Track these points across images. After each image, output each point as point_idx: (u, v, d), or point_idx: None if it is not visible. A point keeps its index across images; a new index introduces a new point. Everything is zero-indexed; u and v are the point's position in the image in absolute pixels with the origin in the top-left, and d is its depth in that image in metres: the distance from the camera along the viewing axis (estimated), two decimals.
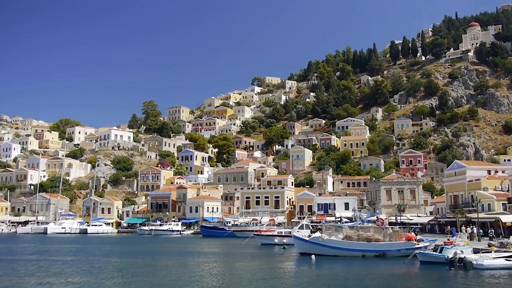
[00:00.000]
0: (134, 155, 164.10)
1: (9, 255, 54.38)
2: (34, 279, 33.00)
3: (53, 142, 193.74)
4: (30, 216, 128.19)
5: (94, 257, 51.07)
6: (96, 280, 32.65)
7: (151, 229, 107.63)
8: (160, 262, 47.02)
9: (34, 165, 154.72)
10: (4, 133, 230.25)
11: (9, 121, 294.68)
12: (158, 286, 30.85)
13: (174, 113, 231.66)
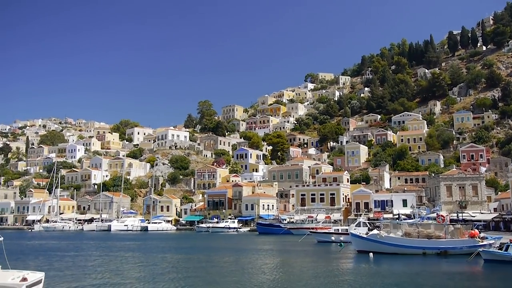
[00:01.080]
0: (191, 154, 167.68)
1: (75, 251, 57.35)
2: (94, 274, 34.75)
3: (114, 143, 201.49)
4: (95, 214, 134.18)
5: (152, 254, 52.91)
6: (153, 276, 33.88)
7: (209, 226, 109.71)
8: (217, 259, 48.04)
9: (97, 165, 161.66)
10: (69, 135, 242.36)
11: (73, 124, 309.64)
12: (214, 282, 31.58)
13: (229, 112, 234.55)
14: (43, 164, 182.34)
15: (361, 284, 30.77)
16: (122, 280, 31.75)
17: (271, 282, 31.22)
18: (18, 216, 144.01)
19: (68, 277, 33.04)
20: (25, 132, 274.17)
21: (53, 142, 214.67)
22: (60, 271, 35.74)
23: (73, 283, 29.69)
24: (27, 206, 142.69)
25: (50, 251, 56.35)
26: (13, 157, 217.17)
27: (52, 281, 28.39)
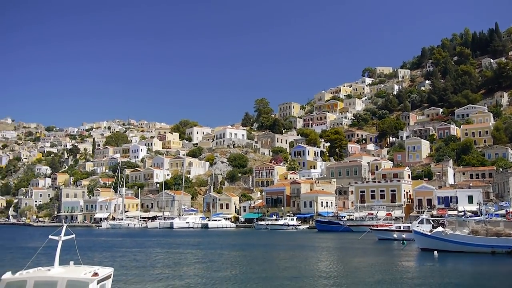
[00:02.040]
0: (248, 152, 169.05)
1: (139, 247, 59.46)
2: (155, 269, 35.88)
3: (174, 143, 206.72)
4: (157, 212, 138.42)
5: (211, 250, 53.87)
6: (209, 272, 34.51)
7: (267, 223, 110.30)
8: (275, 255, 48.27)
9: (159, 165, 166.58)
10: (132, 136, 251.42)
11: (136, 125, 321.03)
12: (271, 278, 31.69)
13: (285, 109, 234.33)
14: (108, 164, 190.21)
15: (426, 284, 29.89)
16: (179, 274, 32.66)
17: (329, 279, 30.96)
18: (87, 214, 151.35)
19: (133, 272, 34.36)
20: (92, 134, 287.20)
21: (118, 143, 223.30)
22: (125, 266, 37.22)
23: (137, 278, 30.85)
24: (95, 204, 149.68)
25: (116, 248, 58.77)
26: (81, 158, 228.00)
27: (119, 276, 29.60)
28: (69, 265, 14.49)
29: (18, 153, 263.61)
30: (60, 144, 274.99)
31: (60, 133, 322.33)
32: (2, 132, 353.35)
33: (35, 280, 13.09)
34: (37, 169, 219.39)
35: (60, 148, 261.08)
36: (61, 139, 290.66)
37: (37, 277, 13.20)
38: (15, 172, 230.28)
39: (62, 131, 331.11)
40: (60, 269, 13.71)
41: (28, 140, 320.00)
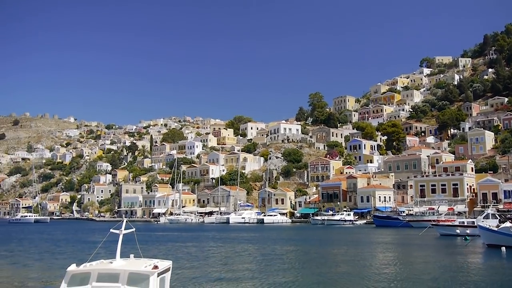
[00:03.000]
0: (303, 147, 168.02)
1: (195, 241, 60.26)
2: (209, 262, 36.05)
3: (229, 139, 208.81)
4: (213, 207, 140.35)
5: (266, 245, 53.69)
6: (262, 266, 34.23)
7: (324, 219, 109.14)
8: (331, 251, 47.46)
9: (214, 160, 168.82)
10: (188, 132, 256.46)
11: (191, 122, 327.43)
12: (323, 274, 31.00)
13: (340, 103, 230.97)
14: (165, 161, 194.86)
15: (494, 282, 28.21)
16: (233, 269, 32.64)
17: (388, 276, 29.87)
18: (146, 209, 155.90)
19: (191, 265, 34.73)
20: (149, 131, 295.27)
21: (174, 139, 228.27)
22: (184, 260, 37.68)
23: (194, 271, 31.10)
24: (153, 200, 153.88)
25: (174, 242, 59.88)
26: (140, 154, 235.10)
27: (178, 269, 29.91)
28: (130, 258, 14.64)
29: (81, 151, 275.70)
30: (119, 141, 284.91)
31: (119, 131, 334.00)
32: (66, 131, 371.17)
33: (98, 272, 13.31)
34: (98, 166, 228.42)
35: (120, 146, 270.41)
36: (120, 137, 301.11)
37: (100, 269, 13.42)
38: (78, 169, 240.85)
39: (121, 129, 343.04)
40: (122, 262, 13.86)
41: (89, 138, 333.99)
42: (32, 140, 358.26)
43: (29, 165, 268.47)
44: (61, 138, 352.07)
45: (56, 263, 36.85)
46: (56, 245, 56.64)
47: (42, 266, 35.39)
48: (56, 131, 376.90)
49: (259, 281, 27.69)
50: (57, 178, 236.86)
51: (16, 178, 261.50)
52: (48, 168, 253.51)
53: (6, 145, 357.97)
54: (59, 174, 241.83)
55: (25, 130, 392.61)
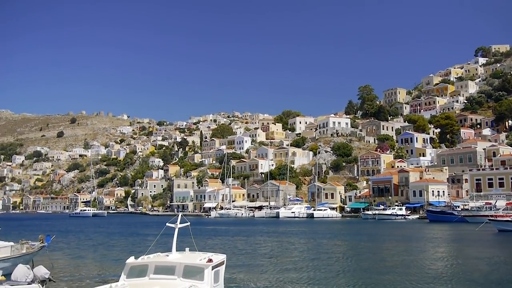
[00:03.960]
0: (353, 141, 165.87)
1: (247, 235, 60.94)
2: (261, 255, 36.40)
3: (277, 133, 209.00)
4: (263, 202, 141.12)
5: (314, 239, 53.60)
6: (312, 261, 34.21)
7: (375, 213, 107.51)
8: (380, 245, 46.82)
9: (263, 155, 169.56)
10: (237, 128, 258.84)
11: (240, 117, 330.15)
12: (369, 269, 30.64)
13: (390, 96, 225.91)
14: (215, 156, 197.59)
15: None
16: (284, 262, 32.83)
17: (444, 271, 29.19)
18: (197, 203, 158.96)
19: (243, 259, 35.30)
20: (199, 127, 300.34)
21: (223, 135, 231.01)
22: (236, 253, 38.32)
23: (247, 264, 31.64)
24: (204, 194, 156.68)
25: (226, 235, 60.86)
26: (190, 150, 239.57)
27: (231, 262, 30.45)
28: (185, 251, 15.14)
29: (134, 147, 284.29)
30: (170, 137, 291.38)
31: (170, 127, 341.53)
32: (120, 128, 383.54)
33: (155, 264, 13.86)
34: (150, 161, 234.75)
35: (171, 141, 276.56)
36: (171, 133, 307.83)
37: (157, 262, 13.96)
38: (131, 165, 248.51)
39: (172, 125, 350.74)
40: (178, 255, 14.38)
41: (142, 134, 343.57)
42: (88, 137, 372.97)
43: (86, 161, 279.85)
44: (115, 135, 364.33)
45: (112, 256, 38.45)
46: (112, 238, 58.91)
47: (99, 258, 36.98)
48: (110, 128, 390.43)
49: (307, 274, 27.85)
50: (112, 173, 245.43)
51: (74, 174, 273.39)
52: (104, 164, 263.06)
53: (64, 142, 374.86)
54: (114, 170, 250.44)
55: (82, 128, 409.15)
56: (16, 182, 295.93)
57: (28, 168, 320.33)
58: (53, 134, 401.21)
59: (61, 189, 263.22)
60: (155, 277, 13.58)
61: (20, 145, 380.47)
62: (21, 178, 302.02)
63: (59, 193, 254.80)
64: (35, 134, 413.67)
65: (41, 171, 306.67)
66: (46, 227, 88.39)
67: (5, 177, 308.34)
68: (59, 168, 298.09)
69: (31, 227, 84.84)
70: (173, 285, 12.67)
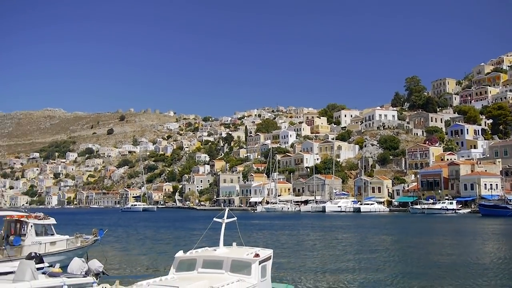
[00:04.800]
0: (400, 134, 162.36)
1: (293, 229, 60.93)
2: (308, 250, 36.27)
3: (322, 127, 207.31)
4: (309, 196, 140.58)
5: (366, 234, 52.90)
6: (359, 255, 33.77)
7: (424, 207, 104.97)
8: (436, 241, 45.63)
9: (308, 149, 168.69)
10: (281, 122, 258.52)
11: (284, 111, 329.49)
12: (428, 265, 29.96)
13: (439, 86, 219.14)
14: (260, 150, 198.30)
15: None
16: (331, 255, 32.63)
17: (492, 268, 28.18)
18: (243, 198, 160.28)
19: (290, 253, 35.36)
20: (244, 122, 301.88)
21: (268, 129, 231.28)
22: (283, 248, 38.44)
23: (294, 259, 31.66)
24: (249, 189, 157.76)
25: (273, 230, 61.08)
26: (235, 145, 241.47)
27: (278, 257, 30.53)
28: (232, 246, 15.34)
29: (180, 143, 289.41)
30: (216, 133, 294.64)
31: (215, 123, 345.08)
32: (166, 124, 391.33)
33: (203, 259, 14.13)
34: (197, 157, 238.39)
35: (216, 137, 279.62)
36: (216, 128, 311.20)
37: (205, 256, 14.24)
38: (178, 160, 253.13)
39: (217, 121, 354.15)
40: (225, 250, 14.60)
41: (188, 130, 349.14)
42: (136, 134, 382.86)
43: (135, 157, 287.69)
44: (163, 131, 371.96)
45: (161, 249, 39.46)
46: (161, 232, 60.37)
47: (148, 252, 38.00)
48: (157, 125, 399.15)
49: (353, 269, 27.61)
50: (160, 169, 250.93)
51: (124, 170, 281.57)
52: (152, 160, 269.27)
53: (114, 139, 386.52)
54: (161, 166, 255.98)
55: (130, 125, 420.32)
56: (70, 178, 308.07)
57: (81, 165, 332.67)
58: (103, 131, 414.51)
59: (112, 184, 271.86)
60: (203, 271, 13.84)
61: (73, 143, 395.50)
62: (75, 174, 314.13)
63: (110, 189, 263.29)
64: (86, 132, 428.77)
65: (93, 167, 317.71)
66: (98, 221, 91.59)
67: (60, 173, 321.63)
68: (109, 164, 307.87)
69: (83, 221, 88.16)
70: (221, 279, 12.88)
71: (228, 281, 12.67)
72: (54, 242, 27.25)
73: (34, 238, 26.22)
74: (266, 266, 14.28)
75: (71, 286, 16.76)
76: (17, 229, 26.65)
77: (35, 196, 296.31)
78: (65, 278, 17.71)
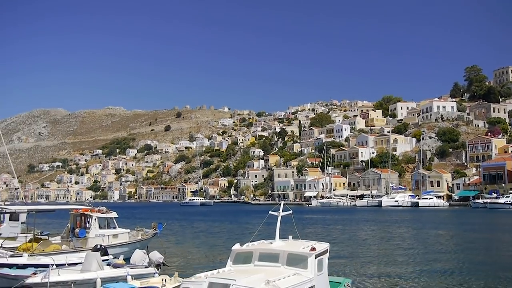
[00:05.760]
0: (459, 125, 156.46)
1: (348, 224, 60.30)
2: (364, 244, 35.74)
3: (377, 120, 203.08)
4: (364, 190, 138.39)
5: (426, 229, 51.53)
6: (415, 251, 32.92)
7: (486, 202, 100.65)
8: (498, 237, 43.83)
9: (363, 143, 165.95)
10: (335, 116, 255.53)
11: (338, 105, 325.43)
12: (491, 262, 28.80)
13: (501, 75, 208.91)
14: (314, 145, 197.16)
15: None
16: (388, 250, 32.06)
17: None
18: (297, 192, 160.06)
19: (346, 248, 35.08)
20: (297, 117, 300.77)
21: (322, 123, 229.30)
22: (338, 242, 38.13)
23: (350, 253, 31.42)
24: (304, 183, 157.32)
25: (328, 224, 60.73)
26: (289, 140, 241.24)
27: (334, 251, 30.32)
28: (289, 239, 15.46)
29: (235, 138, 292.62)
30: (269, 128, 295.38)
31: (269, 118, 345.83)
32: (221, 120, 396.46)
33: (259, 251, 14.32)
34: (251, 152, 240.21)
35: (270, 132, 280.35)
36: (270, 123, 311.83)
37: (261, 249, 14.41)
38: (233, 155, 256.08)
39: (270, 116, 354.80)
40: (281, 243, 14.72)
41: (242, 126, 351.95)
42: (192, 130, 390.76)
43: (191, 153, 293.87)
44: (217, 127, 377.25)
45: (217, 242, 40.26)
46: (217, 226, 61.50)
47: (205, 244, 38.86)
48: (212, 121, 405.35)
49: (410, 264, 27.06)
50: (216, 164, 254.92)
51: (181, 165, 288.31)
52: (208, 155, 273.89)
53: (171, 135, 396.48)
54: (217, 161, 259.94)
55: (186, 121, 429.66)
56: (130, 174, 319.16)
57: (140, 161, 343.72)
58: (161, 128, 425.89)
59: (169, 179, 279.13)
60: (260, 264, 14.00)
61: (132, 139, 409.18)
62: (135, 170, 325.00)
63: (168, 184, 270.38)
64: (145, 129, 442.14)
65: (152, 163, 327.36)
66: (157, 215, 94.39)
67: (121, 169, 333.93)
68: (167, 160, 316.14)
69: (142, 215, 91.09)
70: (277, 273, 12.98)
71: (284, 274, 12.76)
72: (116, 235, 28.47)
73: (98, 231, 27.53)
74: (322, 260, 14.28)
75: (134, 276, 17.54)
76: (82, 222, 28.06)
77: (98, 190, 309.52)
78: (129, 268, 18.58)
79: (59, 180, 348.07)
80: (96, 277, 16.83)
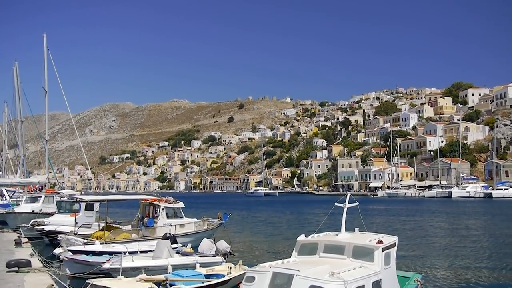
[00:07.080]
0: None
1: (417, 216, 58.43)
2: (434, 238, 34.41)
3: (447, 108, 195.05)
4: (433, 181, 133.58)
5: (498, 222, 49.01)
6: (488, 244, 31.28)
7: None
8: None
9: (431, 132, 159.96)
10: (401, 104, 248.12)
11: (404, 93, 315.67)
12: None
13: None
14: (379, 134, 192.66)
15: None
16: (460, 246, 30.72)
17: None
18: (362, 183, 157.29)
19: (415, 241, 33.99)
20: (361, 106, 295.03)
21: (387, 112, 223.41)
22: (407, 235, 37.01)
23: (420, 247, 30.42)
24: (369, 174, 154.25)
25: (396, 216, 59.17)
26: (353, 129, 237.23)
27: (403, 245, 29.47)
28: (355, 231, 15.15)
29: (298, 129, 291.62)
30: (333, 117, 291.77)
31: (332, 107, 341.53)
32: (283, 111, 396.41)
33: (325, 243, 14.13)
34: (314, 142, 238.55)
35: (333, 122, 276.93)
36: (333, 113, 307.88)
37: (327, 240, 14.22)
38: (296, 146, 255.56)
39: (334, 105, 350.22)
40: (347, 235, 14.45)
41: (305, 116, 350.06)
42: (255, 121, 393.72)
43: (254, 144, 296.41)
44: (280, 118, 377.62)
45: (282, 233, 40.38)
46: (282, 216, 61.69)
47: (269, 235, 39.04)
48: (275, 112, 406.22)
49: (483, 259, 25.78)
50: (279, 155, 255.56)
51: (244, 156, 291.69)
52: (270, 146, 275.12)
53: (234, 127, 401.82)
54: (280, 151, 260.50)
55: (249, 112, 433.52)
56: (195, 165, 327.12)
57: (204, 152, 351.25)
58: (224, 119, 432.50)
59: (233, 170, 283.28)
60: (325, 255, 13.80)
61: (197, 131, 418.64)
62: (199, 161, 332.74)
63: (232, 174, 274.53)
64: (209, 120, 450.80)
65: (216, 154, 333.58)
66: (222, 205, 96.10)
67: (186, 160, 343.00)
68: (230, 151, 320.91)
69: (208, 205, 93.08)
70: (343, 265, 12.74)
71: (349, 267, 12.50)
72: (183, 224, 29.31)
73: (165, 220, 28.46)
74: (390, 253, 13.86)
75: (202, 265, 18.00)
76: (150, 212, 29.12)
77: (165, 181, 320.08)
78: (197, 257, 19.09)
79: (128, 171, 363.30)
80: (167, 264, 17.40)
